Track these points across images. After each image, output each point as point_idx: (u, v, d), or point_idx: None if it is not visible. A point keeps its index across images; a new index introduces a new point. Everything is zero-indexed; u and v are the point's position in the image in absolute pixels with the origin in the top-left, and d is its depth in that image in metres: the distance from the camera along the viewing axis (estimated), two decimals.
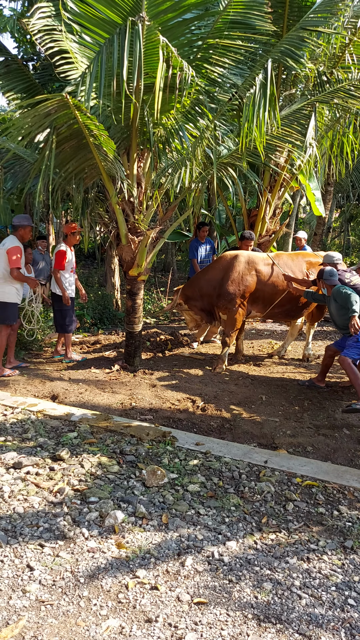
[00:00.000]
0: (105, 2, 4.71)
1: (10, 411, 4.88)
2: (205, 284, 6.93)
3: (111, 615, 2.40)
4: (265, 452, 4.25)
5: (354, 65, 6.97)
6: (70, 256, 6.98)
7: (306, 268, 6.87)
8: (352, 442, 4.55)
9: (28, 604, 2.45)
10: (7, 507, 3.25)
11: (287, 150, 6.93)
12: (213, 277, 6.86)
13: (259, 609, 2.47)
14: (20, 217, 6.42)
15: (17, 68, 6.78)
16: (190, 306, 7.20)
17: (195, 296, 7.08)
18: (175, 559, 2.82)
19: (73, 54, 5.41)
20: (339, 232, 23.83)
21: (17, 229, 6.31)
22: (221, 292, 6.68)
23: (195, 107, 5.68)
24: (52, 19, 5.39)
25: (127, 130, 5.89)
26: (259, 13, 5.33)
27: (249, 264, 6.68)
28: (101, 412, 4.94)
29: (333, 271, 5.73)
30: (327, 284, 5.72)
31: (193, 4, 4.84)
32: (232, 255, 6.84)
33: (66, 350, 7.14)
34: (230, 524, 3.19)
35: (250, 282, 6.61)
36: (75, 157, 5.72)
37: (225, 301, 6.64)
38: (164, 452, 4.12)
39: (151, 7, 4.71)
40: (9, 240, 6.22)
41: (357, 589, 2.66)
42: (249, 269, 6.65)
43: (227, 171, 6.55)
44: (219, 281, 6.76)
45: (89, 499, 3.34)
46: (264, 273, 6.66)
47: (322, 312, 7.18)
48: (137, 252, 6.33)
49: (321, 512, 3.39)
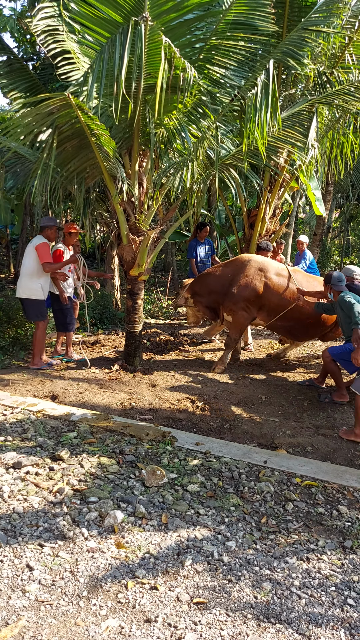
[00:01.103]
0: (107, 2, 4.70)
1: (10, 411, 4.88)
2: (214, 282, 6.91)
3: (111, 615, 2.40)
4: (265, 452, 4.26)
5: (354, 65, 6.97)
6: (68, 255, 6.99)
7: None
8: (351, 442, 4.55)
9: (27, 604, 2.45)
10: (7, 506, 3.25)
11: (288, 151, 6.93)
12: (224, 276, 6.85)
13: (258, 609, 2.47)
14: (46, 219, 6.71)
15: (19, 67, 6.79)
16: (196, 302, 7.18)
17: (202, 292, 7.06)
18: (175, 558, 2.83)
19: (75, 54, 5.41)
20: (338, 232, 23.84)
21: (44, 229, 6.63)
22: (229, 292, 6.67)
23: (197, 107, 5.67)
24: (55, 19, 5.39)
25: (129, 130, 5.89)
26: (261, 13, 5.32)
27: (262, 270, 6.64)
28: (101, 412, 4.95)
29: (342, 277, 5.69)
30: (335, 290, 5.68)
31: (196, 4, 4.83)
32: (247, 258, 6.82)
33: (67, 350, 7.15)
34: (230, 524, 3.19)
35: (258, 287, 6.57)
36: (77, 157, 5.72)
37: (231, 302, 6.63)
38: (163, 452, 4.12)
39: (154, 7, 4.71)
40: (37, 238, 6.56)
41: (357, 588, 2.66)
42: (260, 275, 6.62)
43: (229, 172, 6.56)
44: (229, 281, 6.74)
45: (89, 499, 3.35)
46: (274, 282, 6.63)
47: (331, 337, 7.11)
48: (137, 252, 6.33)
49: (320, 512, 3.39)
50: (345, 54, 7.09)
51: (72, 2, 4.85)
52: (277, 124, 5.48)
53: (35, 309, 6.57)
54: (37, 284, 6.50)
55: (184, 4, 4.78)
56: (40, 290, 6.54)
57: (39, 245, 6.44)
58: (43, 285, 6.57)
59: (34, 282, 6.49)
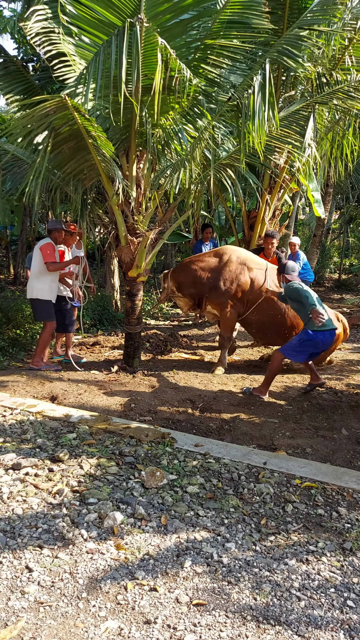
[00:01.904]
0: (103, 4, 4.71)
1: (9, 412, 4.87)
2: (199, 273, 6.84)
3: (110, 617, 2.39)
4: (265, 454, 4.25)
5: (353, 67, 6.98)
6: (69, 256, 7.01)
7: None
8: (350, 444, 4.55)
9: (27, 605, 2.44)
10: (6, 508, 3.24)
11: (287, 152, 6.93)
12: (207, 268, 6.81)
13: (257, 611, 2.47)
14: (53, 222, 6.84)
15: (16, 70, 6.79)
16: (184, 294, 7.10)
17: (187, 283, 6.97)
18: (174, 560, 2.82)
19: (71, 56, 5.41)
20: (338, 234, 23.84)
21: (51, 232, 6.72)
22: (214, 287, 6.64)
23: (193, 107, 5.68)
24: (50, 22, 5.39)
25: (126, 132, 5.89)
26: (256, 12, 5.33)
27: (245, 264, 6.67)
28: (100, 413, 4.94)
29: (295, 267, 5.86)
30: (287, 279, 5.79)
31: (191, 4, 4.84)
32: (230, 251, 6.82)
33: (66, 350, 7.15)
34: (230, 526, 3.18)
35: (244, 284, 6.58)
36: (74, 158, 5.72)
37: (218, 299, 6.60)
38: (163, 454, 4.12)
39: (149, 8, 4.72)
40: (43, 240, 6.67)
41: (356, 590, 2.65)
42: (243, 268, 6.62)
43: (226, 172, 6.56)
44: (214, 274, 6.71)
45: (88, 500, 3.34)
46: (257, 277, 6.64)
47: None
48: (136, 253, 6.33)
49: (320, 513, 3.38)
50: (345, 55, 7.10)
51: (69, 4, 4.85)
52: (275, 123, 5.49)
53: (43, 309, 6.63)
54: (43, 284, 6.56)
55: (180, 4, 4.79)
56: (48, 290, 6.60)
57: (43, 245, 6.52)
58: (50, 285, 6.62)
59: (40, 282, 6.56)
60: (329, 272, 19.89)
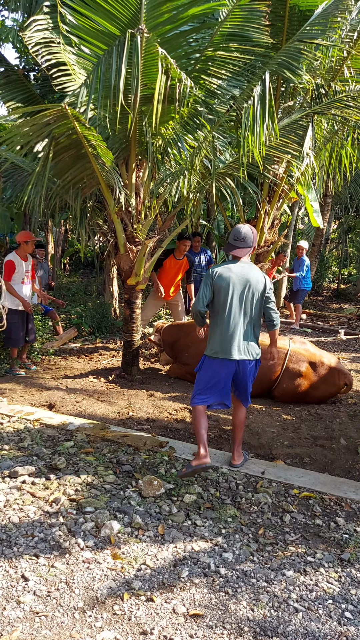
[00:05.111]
0: (104, 15, 4.74)
1: (6, 420, 4.86)
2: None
3: (106, 627, 2.37)
4: (263, 463, 4.24)
5: (351, 78, 7.03)
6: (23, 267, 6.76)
7: None
8: (349, 454, 4.54)
9: (22, 615, 2.42)
10: (3, 516, 3.22)
11: (286, 161, 6.96)
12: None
13: (255, 622, 2.45)
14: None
15: (16, 79, 6.82)
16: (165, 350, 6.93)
17: (169, 343, 6.79)
18: (171, 570, 2.80)
19: (71, 66, 5.44)
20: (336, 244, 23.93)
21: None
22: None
23: (193, 118, 5.71)
24: (50, 32, 5.42)
25: (126, 141, 5.92)
26: (256, 25, 5.37)
27: None
28: (98, 422, 4.92)
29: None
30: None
31: (191, 16, 4.88)
32: None
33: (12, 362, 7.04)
34: (227, 535, 3.17)
35: None
36: (74, 167, 5.75)
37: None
38: (160, 462, 4.10)
39: (150, 19, 4.75)
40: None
41: (354, 602, 2.64)
42: None
43: (226, 181, 6.59)
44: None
45: (85, 509, 3.32)
46: None
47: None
48: (135, 261, 6.34)
49: (318, 524, 3.37)
50: (343, 67, 7.16)
51: (69, 15, 4.89)
52: (275, 133, 5.52)
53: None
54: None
55: (180, 15, 4.83)
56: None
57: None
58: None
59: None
60: (327, 282, 19.93)
